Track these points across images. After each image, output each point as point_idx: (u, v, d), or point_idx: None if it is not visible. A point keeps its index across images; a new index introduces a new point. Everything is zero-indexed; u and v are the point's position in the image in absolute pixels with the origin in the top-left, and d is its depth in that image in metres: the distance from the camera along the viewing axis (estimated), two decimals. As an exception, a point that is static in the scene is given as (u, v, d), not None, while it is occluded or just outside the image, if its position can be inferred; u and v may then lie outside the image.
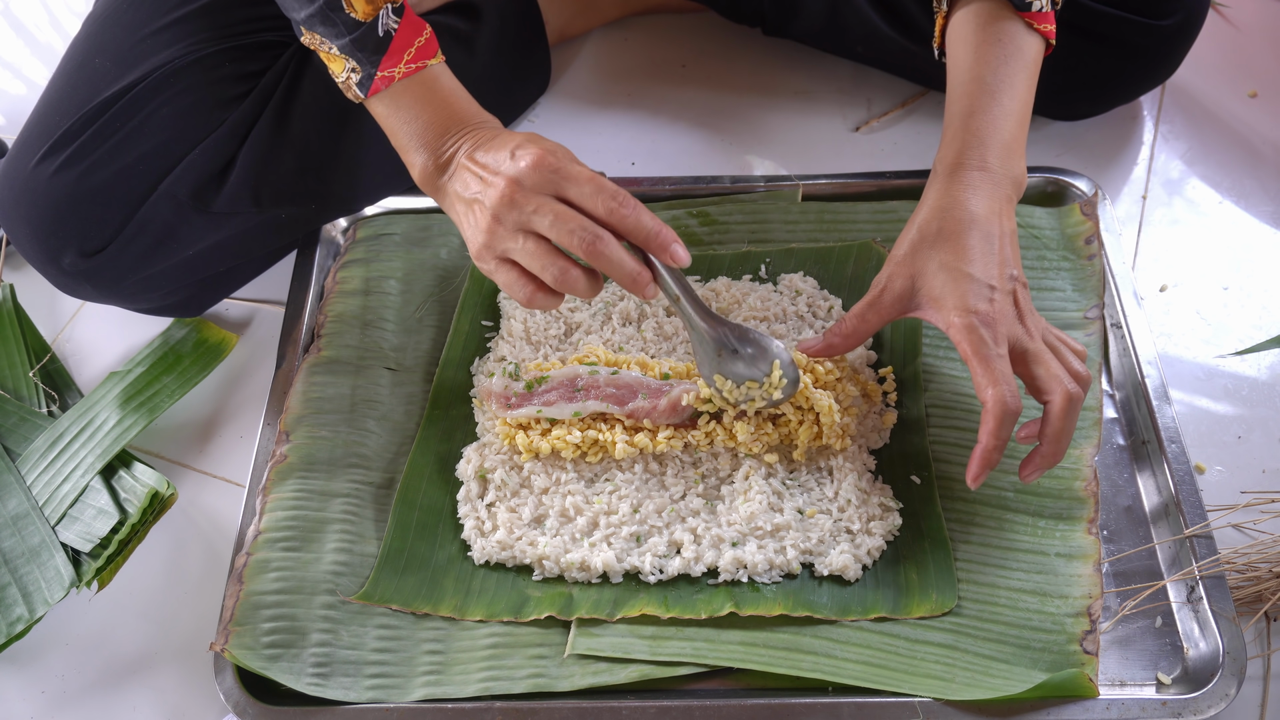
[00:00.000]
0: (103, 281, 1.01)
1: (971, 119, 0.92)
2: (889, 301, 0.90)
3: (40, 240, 0.99)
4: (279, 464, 0.95)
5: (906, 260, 0.90)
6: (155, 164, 0.99)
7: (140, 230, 1.00)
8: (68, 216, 0.98)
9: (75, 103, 1.00)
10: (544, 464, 0.94)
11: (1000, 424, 0.82)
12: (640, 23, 1.40)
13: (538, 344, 1.03)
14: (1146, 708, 0.81)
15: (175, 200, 1.00)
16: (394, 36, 0.90)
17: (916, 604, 0.86)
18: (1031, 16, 0.94)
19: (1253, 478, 0.98)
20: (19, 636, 0.90)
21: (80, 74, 1.03)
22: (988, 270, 0.87)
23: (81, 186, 0.98)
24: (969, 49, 0.94)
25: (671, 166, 1.24)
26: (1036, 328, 0.87)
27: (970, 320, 0.85)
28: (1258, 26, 1.37)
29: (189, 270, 1.05)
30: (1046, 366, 0.85)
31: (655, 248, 0.83)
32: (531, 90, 1.31)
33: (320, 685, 0.83)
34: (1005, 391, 0.82)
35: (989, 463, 0.83)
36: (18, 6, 1.57)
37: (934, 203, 0.91)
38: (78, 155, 0.98)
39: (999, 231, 0.89)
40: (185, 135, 1.00)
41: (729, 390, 0.90)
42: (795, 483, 0.92)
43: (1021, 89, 0.94)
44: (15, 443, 1.03)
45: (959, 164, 0.91)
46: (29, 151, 1.00)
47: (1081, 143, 1.24)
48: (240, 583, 0.88)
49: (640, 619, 0.86)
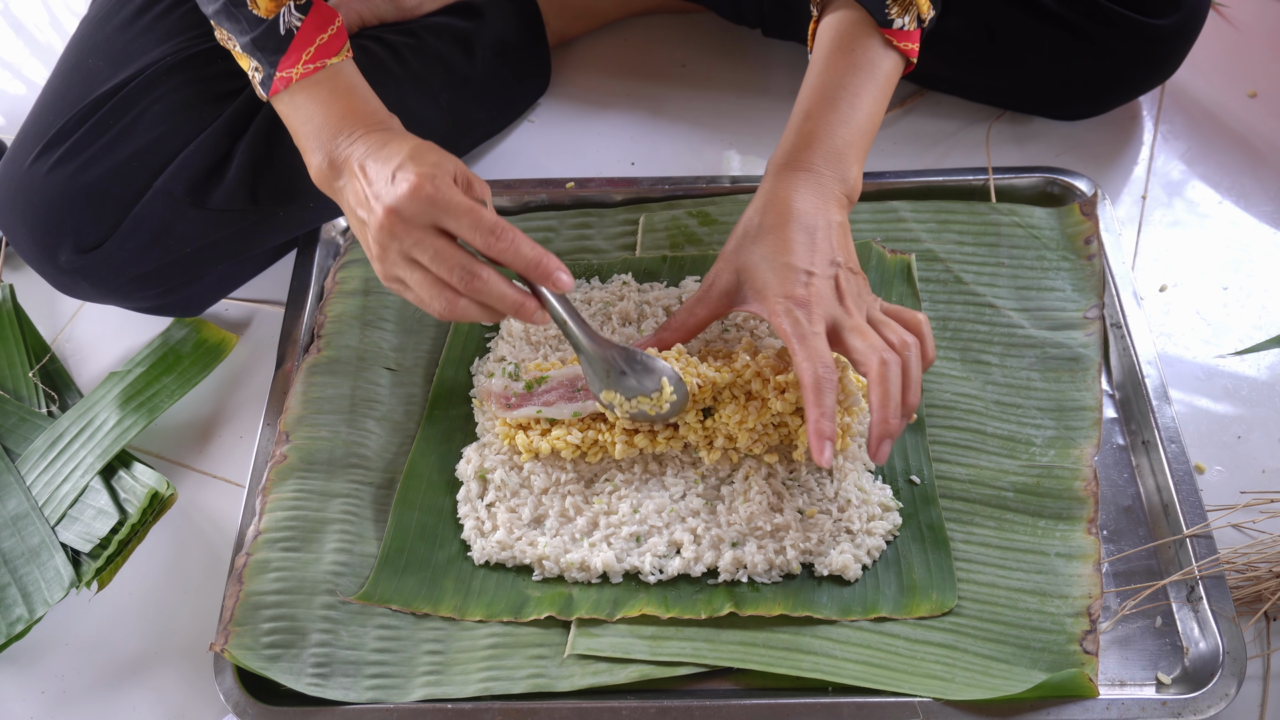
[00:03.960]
0: (100, 278, 1.01)
1: (806, 123, 0.94)
2: (716, 296, 0.93)
3: (36, 238, 1.00)
4: (279, 464, 0.95)
5: (732, 256, 0.93)
6: (150, 160, 1.00)
7: (136, 226, 1.00)
8: (63, 213, 0.99)
9: (69, 101, 1.01)
10: (544, 464, 0.94)
11: (818, 394, 0.84)
12: (640, 23, 1.40)
13: (538, 344, 1.03)
14: (1146, 708, 0.81)
15: (171, 196, 1.00)
16: (295, 34, 0.90)
17: (916, 604, 0.86)
18: (892, 34, 0.94)
19: (1252, 478, 0.98)
20: (19, 636, 0.90)
21: (74, 74, 1.03)
22: (806, 259, 0.89)
23: (76, 183, 0.98)
24: (820, 57, 0.96)
25: (671, 166, 1.24)
26: (858, 308, 0.89)
27: (787, 305, 0.87)
28: (1258, 26, 1.37)
29: (187, 268, 1.05)
30: (863, 338, 0.87)
31: (537, 277, 0.84)
32: (532, 91, 1.31)
33: (320, 685, 0.83)
34: (819, 365, 0.84)
35: (822, 433, 0.84)
36: (18, 6, 1.57)
37: (760, 200, 0.93)
38: (72, 152, 0.99)
39: (822, 224, 0.91)
40: (179, 131, 1.01)
41: (620, 404, 0.91)
42: (795, 483, 0.92)
43: (865, 100, 0.94)
44: (15, 443, 1.03)
45: (786, 164, 0.94)
46: (24, 151, 1.00)
47: (1081, 143, 1.24)
48: (240, 583, 0.88)
49: (640, 619, 0.86)
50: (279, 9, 0.89)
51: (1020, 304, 1.04)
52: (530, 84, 1.30)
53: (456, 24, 1.18)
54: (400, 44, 1.14)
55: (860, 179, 0.95)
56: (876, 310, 0.90)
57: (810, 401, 0.84)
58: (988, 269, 1.07)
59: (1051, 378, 0.99)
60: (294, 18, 0.90)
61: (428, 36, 1.16)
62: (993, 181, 1.13)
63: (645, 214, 1.13)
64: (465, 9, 1.20)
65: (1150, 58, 1.17)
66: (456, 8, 1.19)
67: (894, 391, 0.85)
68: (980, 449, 0.95)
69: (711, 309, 0.94)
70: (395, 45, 1.13)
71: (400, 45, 1.14)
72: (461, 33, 1.18)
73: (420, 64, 1.14)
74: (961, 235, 1.09)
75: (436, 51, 1.16)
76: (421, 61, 1.14)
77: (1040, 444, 0.95)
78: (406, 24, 1.16)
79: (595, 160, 1.26)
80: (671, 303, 1.05)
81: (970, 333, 1.03)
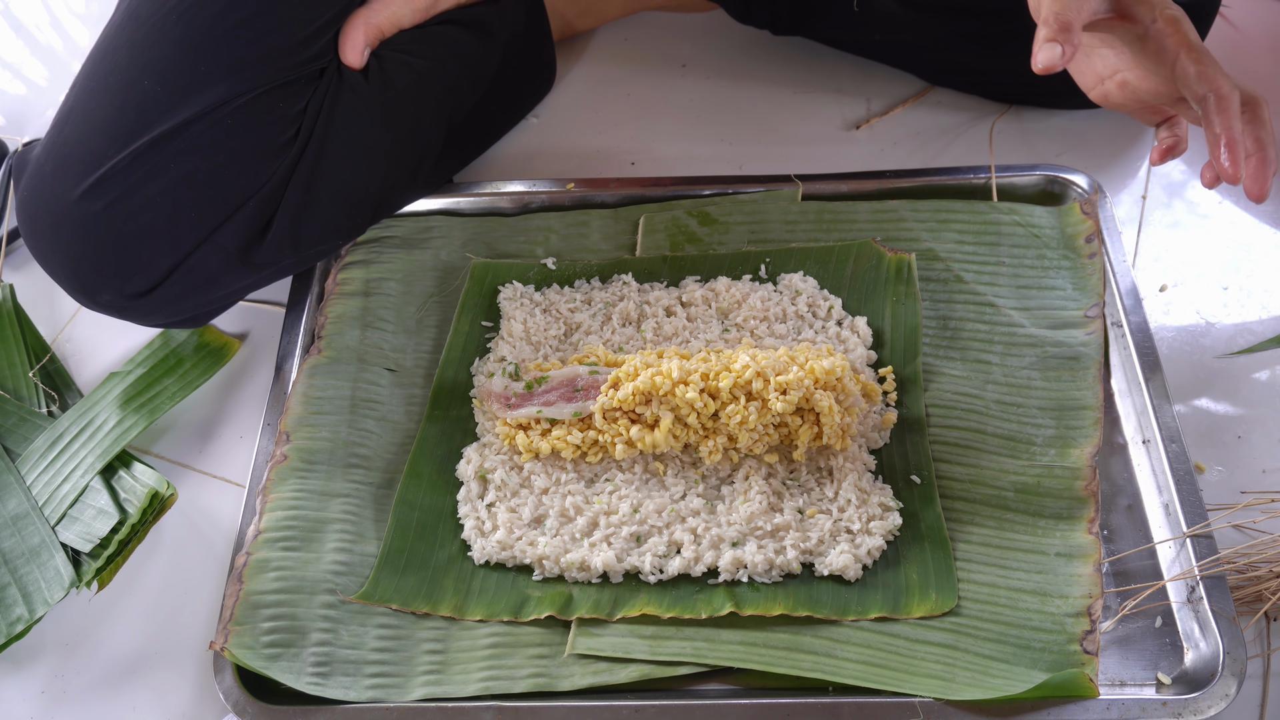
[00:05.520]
0: (134, 316, 1.00)
1: None
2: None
3: (81, 275, 0.95)
4: (279, 464, 0.95)
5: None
6: (209, 212, 0.95)
7: (185, 275, 0.97)
8: (113, 255, 0.94)
9: (123, 131, 0.93)
10: (544, 464, 0.94)
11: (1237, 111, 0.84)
12: (640, 23, 1.40)
13: (538, 344, 1.03)
14: (1146, 708, 0.81)
15: (224, 251, 0.97)
16: None
17: (916, 604, 0.86)
18: None
19: (1253, 478, 0.98)
20: (19, 636, 0.90)
21: (127, 96, 0.93)
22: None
23: (130, 227, 0.93)
24: None
25: (671, 166, 1.24)
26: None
27: (1179, 12, 0.87)
28: (1258, 27, 1.37)
29: (214, 302, 1.04)
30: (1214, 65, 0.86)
31: None
32: (538, 89, 1.30)
33: (320, 685, 0.83)
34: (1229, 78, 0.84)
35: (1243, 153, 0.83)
36: (18, 6, 1.57)
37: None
38: (128, 192, 0.92)
39: None
40: (241, 185, 0.96)
41: None
42: (795, 483, 0.92)
43: None
44: (15, 443, 1.03)
45: None
46: (71, 178, 0.93)
47: (1082, 142, 1.24)
48: (240, 582, 0.88)
49: (640, 619, 0.86)
50: None
51: (1020, 303, 1.04)
52: (536, 82, 1.30)
53: (469, 25, 1.15)
54: (419, 51, 1.09)
55: None
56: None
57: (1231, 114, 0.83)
58: (988, 268, 1.07)
59: (1052, 377, 0.99)
60: None
61: (443, 41, 1.14)
62: (994, 180, 1.13)
63: (645, 214, 1.13)
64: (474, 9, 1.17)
65: None
66: (465, 8, 1.18)
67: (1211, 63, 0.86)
68: (980, 449, 0.95)
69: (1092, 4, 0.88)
70: (414, 53, 1.08)
71: (419, 52, 1.09)
72: (476, 33, 1.16)
73: (440, 68, 1.10)
74: (961, 234, 1.10)
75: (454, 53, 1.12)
76: (440, 66, 1.10)
77: (1040, 443, 0.95)
78: (423, 30, 1.12)
79: (595, 160, 1.26)
80: (671, 303, 1.06)
81: (970, 332, 1.03)
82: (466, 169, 1.24)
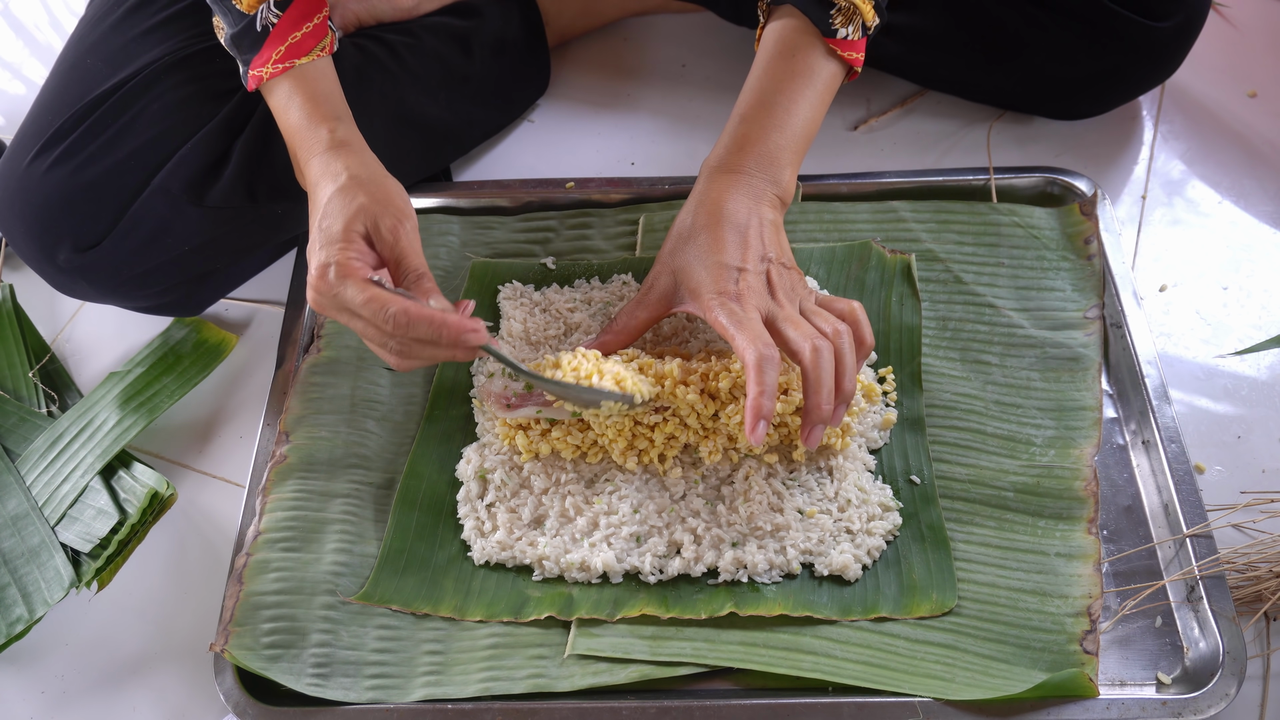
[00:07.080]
0: (98, 277, 1.02)
1: (740, 126, 0.96)
2: (655, 299, 0.95)
3: (35, 236, 1.00)
4: (279, 464, 0.95)
5: (668, 258, 0.94)
6: (148, 158, 1.00)
7: (134, 225, 1.00)
8: (62, 212, 0.99)
9: (67, 101, 1.01)
10: (544, 464, 0.94)
11: (760, 371, 0.85)
12: (640, 23, 1.40)
13: (537, 344, 1.03)
14: (1146, 708, 0.81)
15: (169, 195, 1.00)
16: (271, 31, 0.91)
17: (916, 604, 0.86)
18: (836, 43, 0.95)
19: (1252, 478, 0.98)
20: (19, 637, 0.90)
21: (72, 74, 1.04)
22: (737, 256, 0.91)
23: (74, 181, 0.99)
24: (762, 61, 0.97)
25: (671, 166, 1.24)
26: (790, 300, 0.91)
27: (721, 300, 0.89)
28: (1258, 26, 1.37)
29: (185, 266, 1.05)
30: (796, 327, 0.88)
31: (449, 344, 0.85)
32: (531, 92, 1.30)
33: (320, 685, 0.83)
34: (759, 344, 0.85)
35: (759, 410, 0.84)
36: (18, 6, 1.57)
37: (692, 202, 0.95)
38: (70, 151, 0.99)
39: (754, 222, 0.92)
40: (177, 129, 1.01)
41: (591, 415, 0.91)
42: (795, 483, 0.92)
43: (801, 106, 0.95)
44: (15, 443, 1.03)
45: (719, 166, 0.95)
46: (23, 150, 1.01)
47: (1081, 143, 1.24)
48: (240, 583, 0.88)
49: (640, 619, 0.86)
50: (259, 4, 0.91)
51: (1020, 304, 1.04)
52: (530, 84, 1.30)
53: (455, 23, 1.18)
54: (398, 43, 1.13)
55: (794, 182, 0.97)
56: (810, 301, 0.92)
57: (752, 379, 0.85)
58: (988, 269, 1.07)
59: (1051, 378, 0.99)
60: (271, 15, 0.91)
61: (425, 35, 1.16)
62: (994, 181, 1.13)
63: (645, 214, 1.13)
64: (464, 9, 1.20)
65: (1151, 58, 1.17)
66: (455, 8, 1.19)
67: (826, 378, 0.86)
68: (980, 449, 0.95)
69: (651, 311, 0.95)
70: (393, 44, 1.13)
71: (398, 44, 1.13)
72: (460, 31, 1.18)
73: (418, 62, 1.14)
74: (961, 235, 1.10)
75: (434, 50, 1.16)
76: (419, 60, 1.14)
77: (1040, 444, 0.95)
78: (404, 23, 1.16)
79: (596, 160, 1.26)
80: (671, 303, 1.06)
81: (970, 333, 1.03)
82: (466, 170, 1.24)
